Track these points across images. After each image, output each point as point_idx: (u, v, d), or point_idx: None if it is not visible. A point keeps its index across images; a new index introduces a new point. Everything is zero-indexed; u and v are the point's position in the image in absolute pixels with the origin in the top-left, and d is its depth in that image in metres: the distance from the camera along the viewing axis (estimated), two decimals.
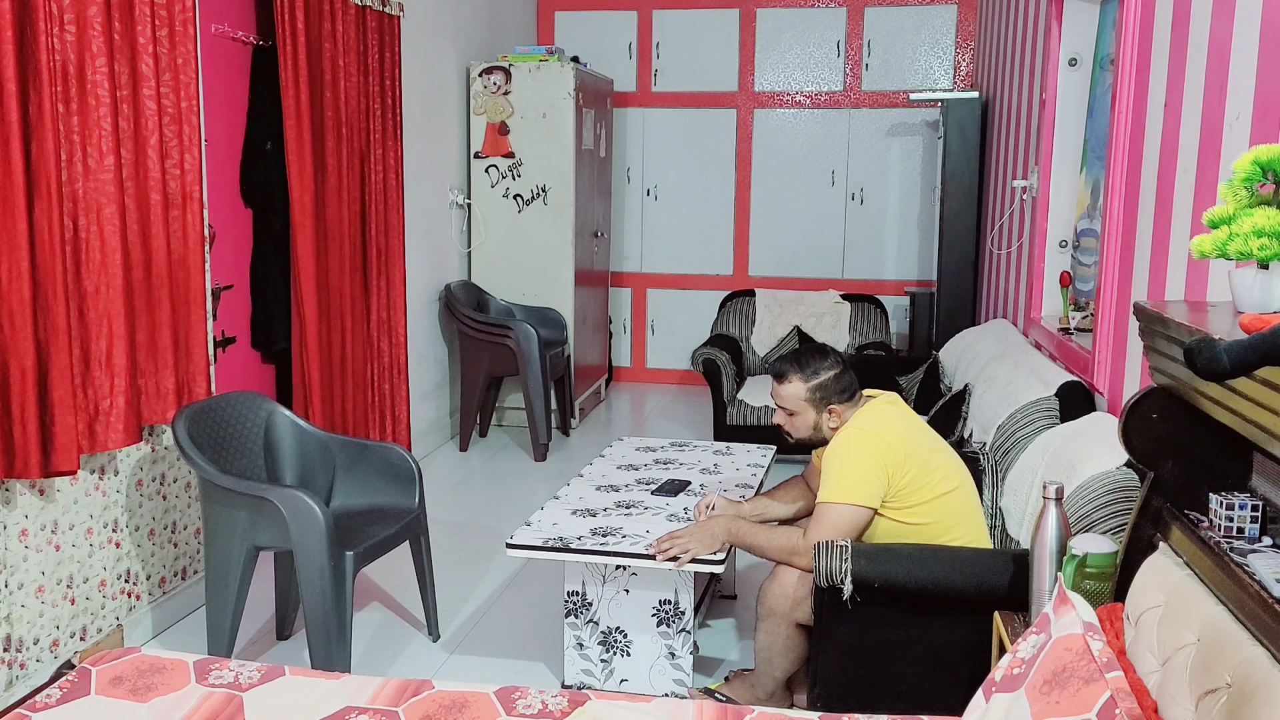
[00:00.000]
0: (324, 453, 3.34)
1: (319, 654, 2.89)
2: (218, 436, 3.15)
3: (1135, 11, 3.04)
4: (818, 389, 2.74)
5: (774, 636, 2.70)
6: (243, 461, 3.22)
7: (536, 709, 1.98)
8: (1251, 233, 1.63)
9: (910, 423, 2.77)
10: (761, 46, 7.09)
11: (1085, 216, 4.08)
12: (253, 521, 2.95)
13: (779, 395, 2.79)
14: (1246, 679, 1.41)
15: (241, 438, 3.24)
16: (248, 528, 2.96)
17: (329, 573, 2.86)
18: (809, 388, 2.74)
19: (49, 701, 1.98)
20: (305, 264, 4.04)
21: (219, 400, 3.23)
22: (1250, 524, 1.78)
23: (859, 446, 2.64)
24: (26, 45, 2.70)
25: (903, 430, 2.70)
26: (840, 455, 2.65)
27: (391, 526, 3.15)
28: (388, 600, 3.68)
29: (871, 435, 2.65)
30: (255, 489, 2.93)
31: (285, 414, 3.34)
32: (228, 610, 3.01)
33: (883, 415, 2.72)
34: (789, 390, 2.76)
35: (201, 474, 2.97)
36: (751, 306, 6.21)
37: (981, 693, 1.74)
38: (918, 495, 2.64)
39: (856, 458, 2.63)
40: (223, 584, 3.01)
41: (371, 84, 4.51)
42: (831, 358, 2.78)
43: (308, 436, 3.34)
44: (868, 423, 2.69)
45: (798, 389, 2.75)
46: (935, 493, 2.65)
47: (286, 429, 3.33)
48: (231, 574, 2.99)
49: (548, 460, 5.53)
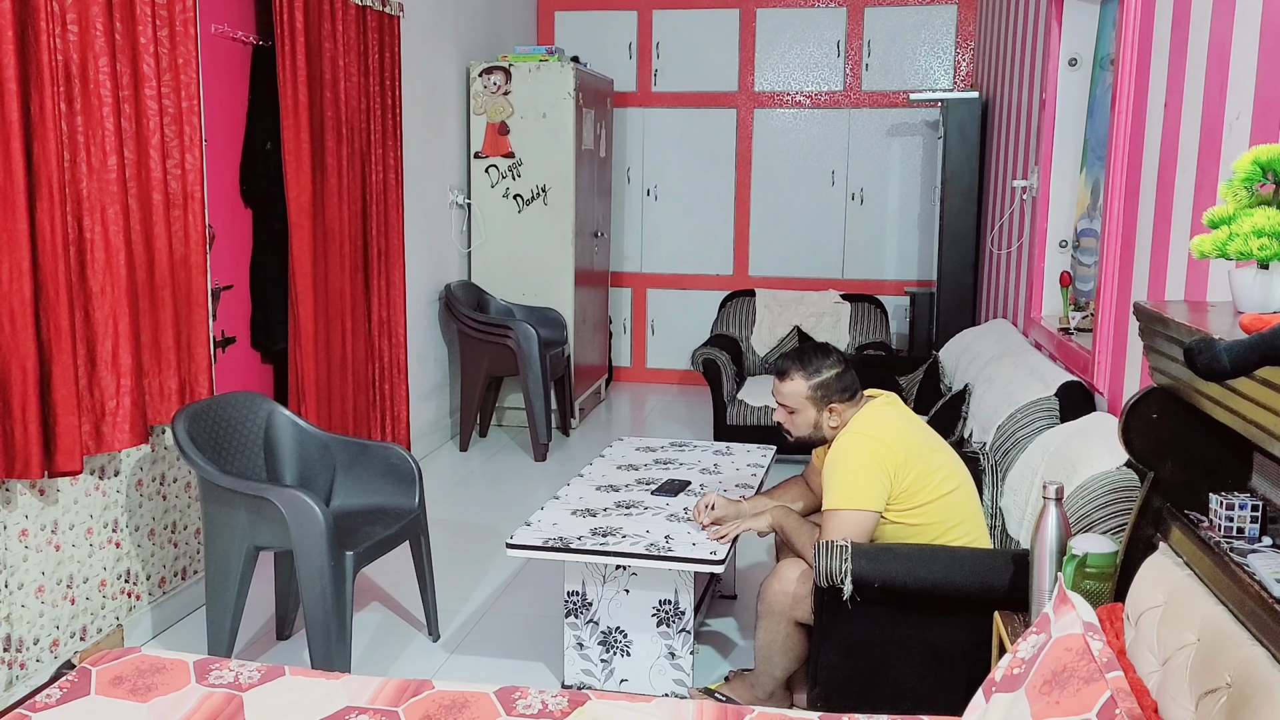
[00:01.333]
0: (324, 453, 3.34)
1: (319, 654, 2.89)
2: (217, 436, 3.15)
3: (1135, 11, 3.04)
4: (819, 387, 2.74)
5: (774, 635, 2.70)
6: (242, 461, 3.22)
7: (536, 709, 1.98)
8: (1251, 233, 1.63)
9: (910, 423, 2.77)
10: (761, 46, 7.09)
11: (1085, 216, 4.08)
12: (253, 521, 2.95)
13: (780, 392, 2.79)
14: (1246, 679, 1.41)
15: (241, 438, 3.24)
16: (248, 528, 2.96)
17: (329, 573, 2.85)
18: (810, 385, 2.74)
19: (49, 701, 1.98)
20: (301, 264, 4.04)
21: (218, 400, 3.23)
22: (1250, 524, 1.78)
23: (860, 451, 2.64)
24: (28, 45, 2.70)
25: (902, 432, 2.70)
26: (842, 461, 2.66)
27: (391, 526, 3.15)
28: (387, 600, 3.68)
29: (871, 439, 2.65)
30: (255, 489, 2.93)
31: (285, 414, 3.34)
32: (228, 610, 3.01)
33: (882, 417, 2.72)
34: (790, 388, 2.76)
35: (201, 474, 2.97)
36: (751, 306, 6.21)
37: (981, 693, 1.74)
38: (919, 496, 2.64)
39: (858, 462, 2.63)
40: (223, 584, 3.01)
41: (371, 84, 4.51)
42: (834, 356, 2.79)
43: (307, 436, 3.34)
44: (867, 426, 2.69)
45: (799, 387, 2.75)
46: (937, 493, 2.65)
47: (286, 429, 3.33)
48: (231, 574, 2.99)
49: (548, 460, 5.53)
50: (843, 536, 2.56)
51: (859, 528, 2.59)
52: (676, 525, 2.97)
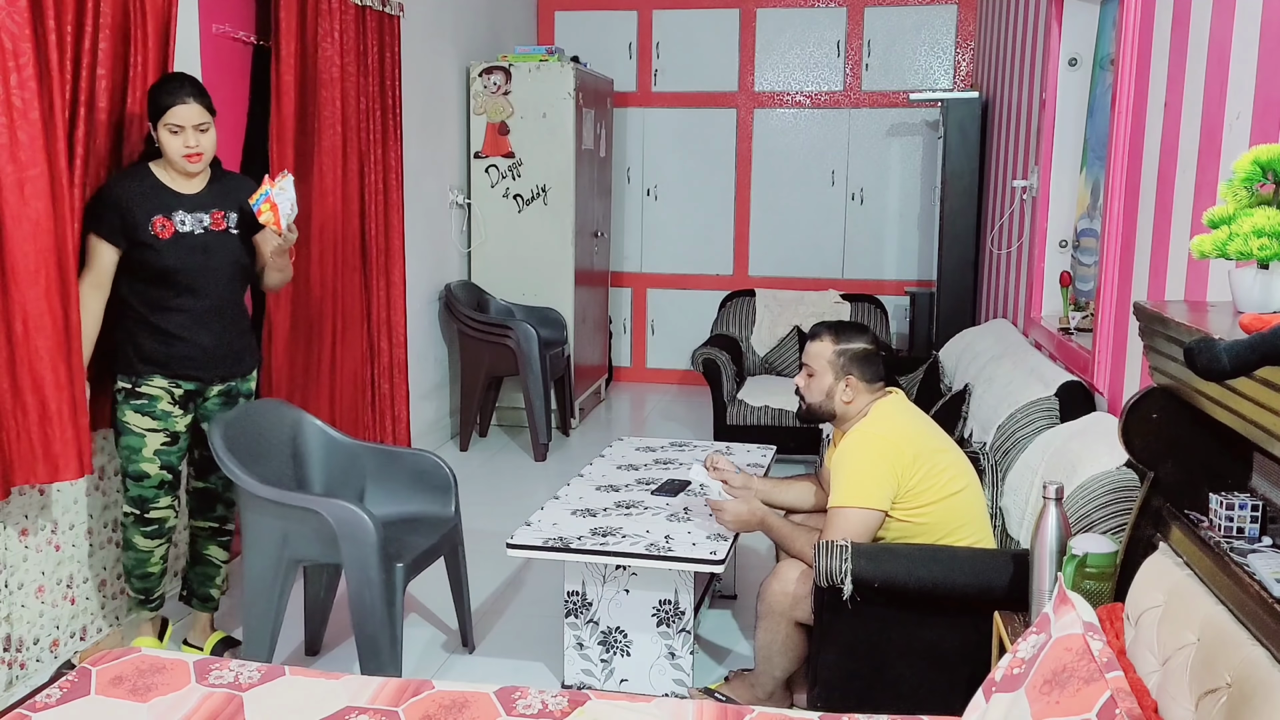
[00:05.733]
0: (353, 461, 3.25)
1: (370, 670, 2.81)
2: (249, 444, 3.03)
3: (1135, 11, 3.04)
4: (843, 354, 2.77)
5: (774, 635, 2.70)
6: (272, 470, 3.09)
7: (536, 709, 1.98)
8: (1251, 233, 1.63)
9: (919, 422, 2.79)
10: (761, 46, 7.09)
11: (1085, 216, 4.08)
12: (295, 534, 2.85)
13: (807, 352, 2.84)
14: (1246, 679, 1.41)
15: (270, 446, 3.13)
16: (290, 541, 2.87)
17: (380, 586, 2.77)
18: (835, 350, 2.78)
19: (49, 701, 1.98)
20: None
21: (249, 408, 3.12)
22: (1250, 524, 1.78)
23: (867, 449, 2.65)
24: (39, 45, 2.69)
25: (911, 431, 2.71)
26: (850, 459, 2.66)
27: (432, 536, 3.07)
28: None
29: (879, 437, 2.66)
30: (302, 500, 2.85)
31: (313, 421, 3.25)
32: (268, 625, 2.91)
33: (891, 416, 2.73)
34: (816, 348, 2.80)
35: (243, 485, 2.87)
36: (751, 306, 6.20)
37: (981, 693, 1.74)
38: (926, 496, 2.64)
39: (866, 460, 2.64)
40: (263, 597, 2.90)
41: (371, 84, 4.50)
42: (869, 337, 2.83)
43: (336, 444, 3.25)
44: (876, 425, 2.70)
45: (825, 348, 2.79)
46: (943, 493, 2.66)
47: (315, 437, 3.24)
48: (272, 586, 2.89)
49: (548, 460, 5.53)
50: (846, 534, 2.56)
51: (863, 525, 2.59)
52: (676, 525, 2.97)
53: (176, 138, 2.87)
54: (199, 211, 2.96)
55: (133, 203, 2.86)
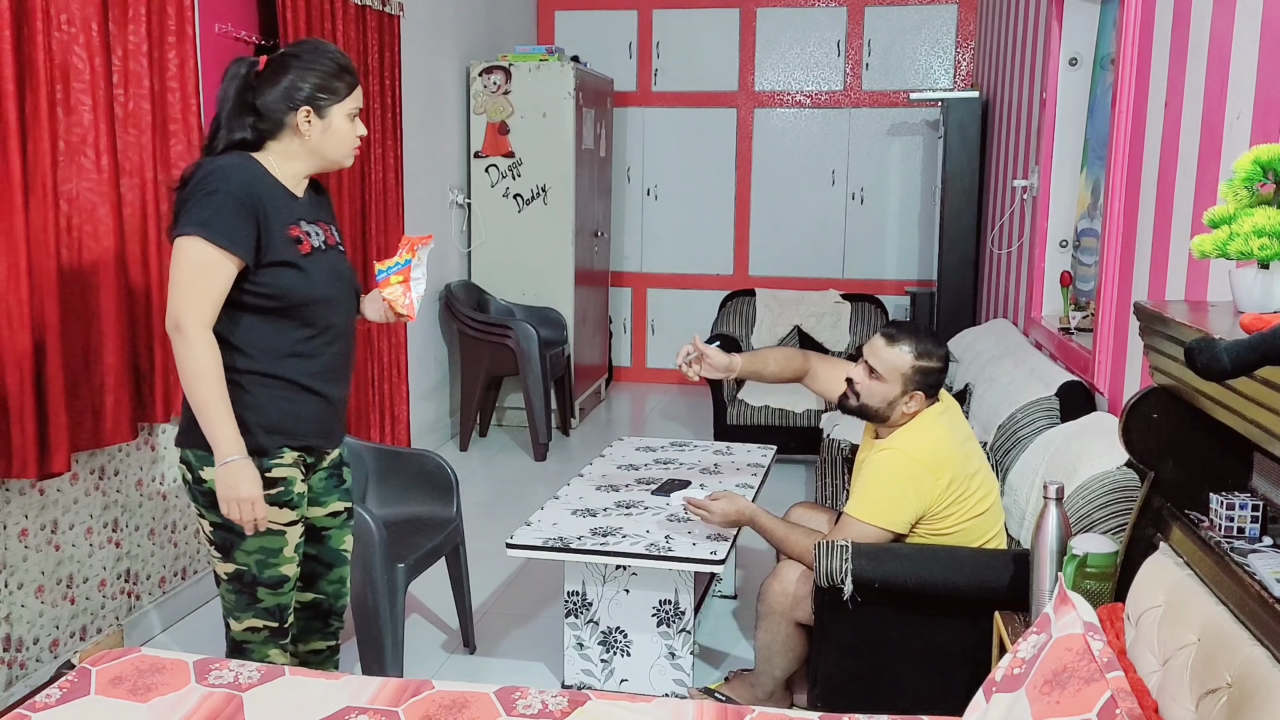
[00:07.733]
0: (355, 461, 3.20)
1: (371, 669, 2.82)
2: None
3: (1135, 11, 3.04)
4: (920, 371, 2.60)
5: (774, 635, 2.70)
6: None
7: (536, 709, 1.98)
8: (1252, 232, 1.63)
9: (958, 437, 2.66)
10: (761, 46, 7.09)
11: (1085, 216, 4.08)
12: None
13: (878, 354, 2.62)
14: (1247, 679, 1.41)
15: None
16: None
17: (382, 586, 2.77)
18: (914, 366, 2.59)
19: (49, 701, 1.97)
20: None
21: None
22: (1250, 524, 1.78)
23: (902, 471, 2.57)
24: (24, 44, 2.69)
25: (949, 450, 2.59)
26: (880, 473, 2.60)
27: (435, 536, 3.07)
28: None
29: (915, 461, 2.56)
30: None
31: None
32: None
33: (934, 429, 2.61)
34: (893, 356, 2.60)
35: None
36: (752, 306, 6.20)
37: (982, 693, 1.74)
38: (952, 519, 2.61)
39: (896, 483, 2.57)
40: None
41: (371, 84, 4.50)
42: (945, 351, 2.67)
43: None
44: (917, 442, 2.58)
45: (903, 360, 2.59)
46: (969, 515, 2.62)
47: None
48: None
49: (548, 460, 5.53)
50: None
51: (874, 541, 2.56)
52: (676, 525, 2.97)
53: (354, 125, 2.20)
54: (313, 223, 2.22)
55: (266, 202, 2.09)
